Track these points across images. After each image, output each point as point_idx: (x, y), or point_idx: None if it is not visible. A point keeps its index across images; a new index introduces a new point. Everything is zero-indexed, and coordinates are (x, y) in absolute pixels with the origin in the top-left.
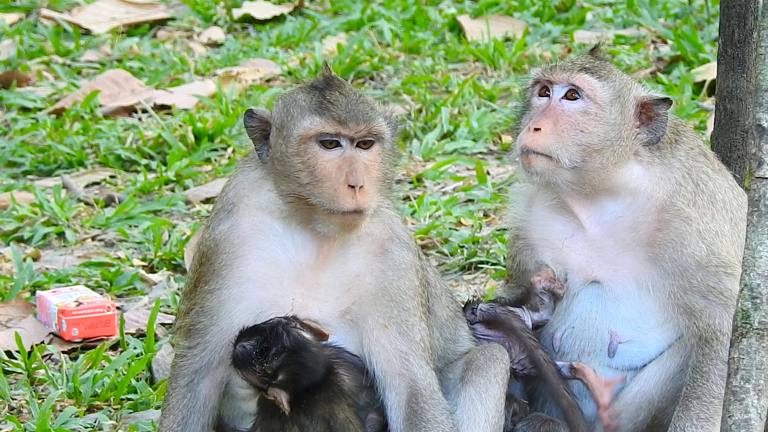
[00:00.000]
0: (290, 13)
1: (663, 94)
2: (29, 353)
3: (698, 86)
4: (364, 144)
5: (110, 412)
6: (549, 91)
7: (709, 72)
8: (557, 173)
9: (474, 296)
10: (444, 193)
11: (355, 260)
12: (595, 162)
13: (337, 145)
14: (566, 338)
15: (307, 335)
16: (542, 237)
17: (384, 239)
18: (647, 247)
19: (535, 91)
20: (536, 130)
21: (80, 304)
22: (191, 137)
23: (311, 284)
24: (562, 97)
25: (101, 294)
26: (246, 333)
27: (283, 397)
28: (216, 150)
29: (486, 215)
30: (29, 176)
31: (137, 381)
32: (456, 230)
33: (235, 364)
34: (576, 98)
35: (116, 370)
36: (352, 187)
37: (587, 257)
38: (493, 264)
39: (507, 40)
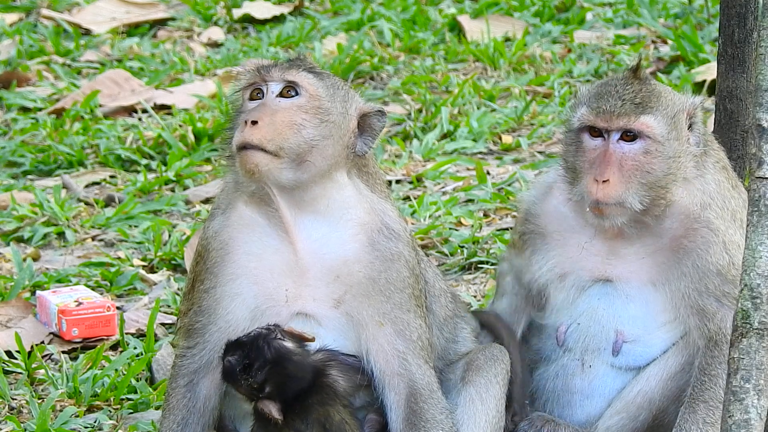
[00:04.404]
0: (290, 13)
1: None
2: (29, 353)
3: (698, 86)
4: (287, 94)
5: (110, 412)
6: (601, 132)
7: (709, 72)
8: (627, 215)
9: None
10: (444, 193)
11: (340, 245)
12: (661, 194)
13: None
14: (571, 333)
15: (288, 344)
16: (557, 230)
17: (373, 230)
18: (669, 252)
19: (584, 133)
20: (605, 181)
21: (80, 304)
22: (191, 137)
23: (299, 270)
24: (619, 139)
25: (101, 294)
26: (230, 347)
27: (272, 408)
28: (216, 150)
29: (486, 215)
30: (29, 176)
31: (137, 381)
32: (456, 230)
33: (224, 379)
34: (634, 138)
35: (116, 370)
36: (246, 123)
37: (603, 260)
38: (493, 264)
39: (507, 40)
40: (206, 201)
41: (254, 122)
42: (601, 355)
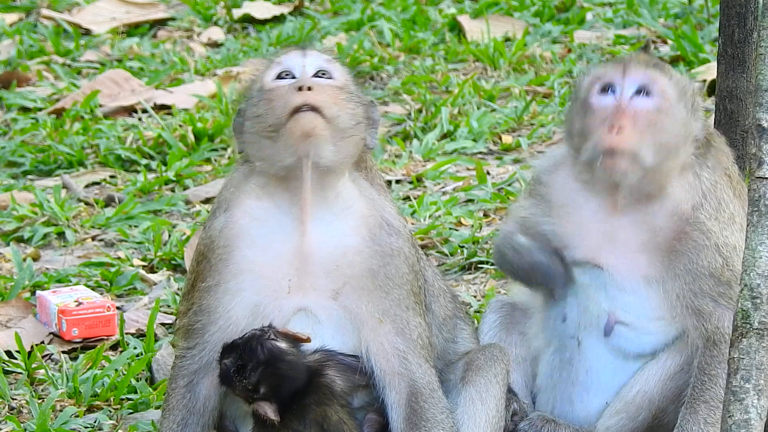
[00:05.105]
0: (290, 13)
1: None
2: (29, 353)
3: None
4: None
5: (110, 412)
6: (612, 90)
7: (709, 72)
8: (636, 173)
9: None
10: (444, 193)
11: (342, 235)
12: (670, 162)
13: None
14: (568, 304)
15: (282, 344)
16: (561, 203)
17: (374, 224)
18: (663, 252)
19: (594, 91)
20: (619, 129)
21: (80, 304)
22: (191, 137)
23: (303, 257)
24: (632, 95)
25: (101, 294)
26: (225, 350)
27: (268, 409)
28: (216, 150)
29: (486, 215)
30: (29, 176)
31: (137, 381)
32: (456, 230)
33: (220, 382)
34: (647, 96)
35: (116, 370)
36: (300, 88)
37: (598, 243)
38: (493, 264)
39: (507, 40)
40: (206, 201)
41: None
42: (594, 332)
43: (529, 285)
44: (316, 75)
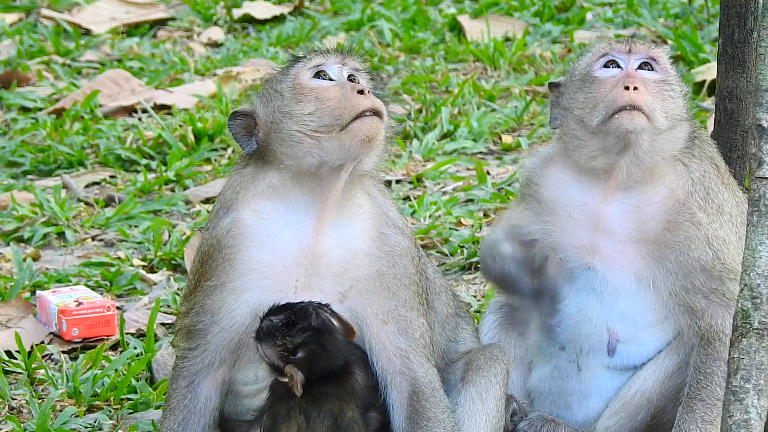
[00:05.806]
0: (290, 13)
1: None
2: (29, 353)
3: (698, 86)
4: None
5: (110, 412)
6: (616, 65)
7: (709, 72)
8: (649, 134)
9: None
10: (444, 193)
11: (352, 237)
12: (677, 132)
13: (330, 79)
14: (563, 330)
15: (335, 322)
16: (551, 198)
17: (381, 224)
18: (653, 244)
19: (598, 65)
20: (635, 88)
21: (80, 304)
22: (191, 137)
23: (313, 257)
24: (637, 68)
25: (101, 294)
26: (275, 309)
27: (298, 377)
28: (216, 150)
29: (486, 215)
30: (29, 176)
31: (137, 381)
32: (456, 230)
33: (258, 338)
34: (652, 70)
35: (116, 370)
36: (360, 92)
37: (589, 236)
38: None
39: (507, 40)
40: (206, 201)
41: None
42: (596, 356)
43: (501, 291)
44: (348, 78)
